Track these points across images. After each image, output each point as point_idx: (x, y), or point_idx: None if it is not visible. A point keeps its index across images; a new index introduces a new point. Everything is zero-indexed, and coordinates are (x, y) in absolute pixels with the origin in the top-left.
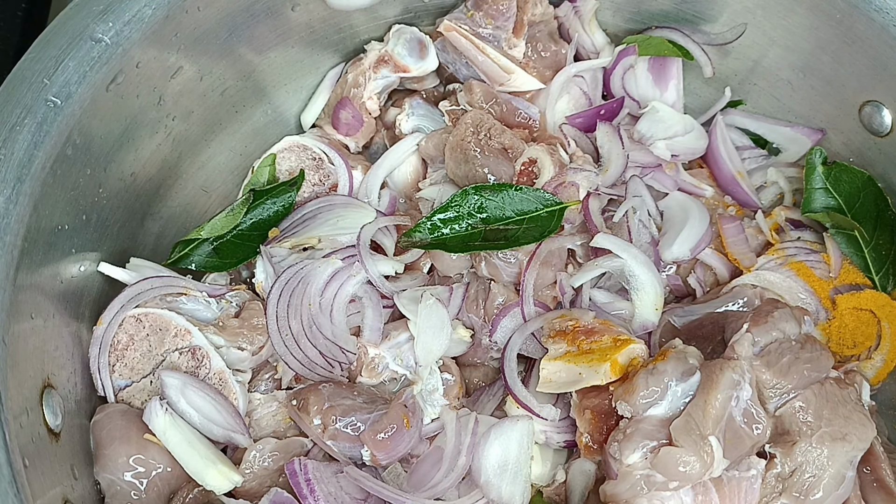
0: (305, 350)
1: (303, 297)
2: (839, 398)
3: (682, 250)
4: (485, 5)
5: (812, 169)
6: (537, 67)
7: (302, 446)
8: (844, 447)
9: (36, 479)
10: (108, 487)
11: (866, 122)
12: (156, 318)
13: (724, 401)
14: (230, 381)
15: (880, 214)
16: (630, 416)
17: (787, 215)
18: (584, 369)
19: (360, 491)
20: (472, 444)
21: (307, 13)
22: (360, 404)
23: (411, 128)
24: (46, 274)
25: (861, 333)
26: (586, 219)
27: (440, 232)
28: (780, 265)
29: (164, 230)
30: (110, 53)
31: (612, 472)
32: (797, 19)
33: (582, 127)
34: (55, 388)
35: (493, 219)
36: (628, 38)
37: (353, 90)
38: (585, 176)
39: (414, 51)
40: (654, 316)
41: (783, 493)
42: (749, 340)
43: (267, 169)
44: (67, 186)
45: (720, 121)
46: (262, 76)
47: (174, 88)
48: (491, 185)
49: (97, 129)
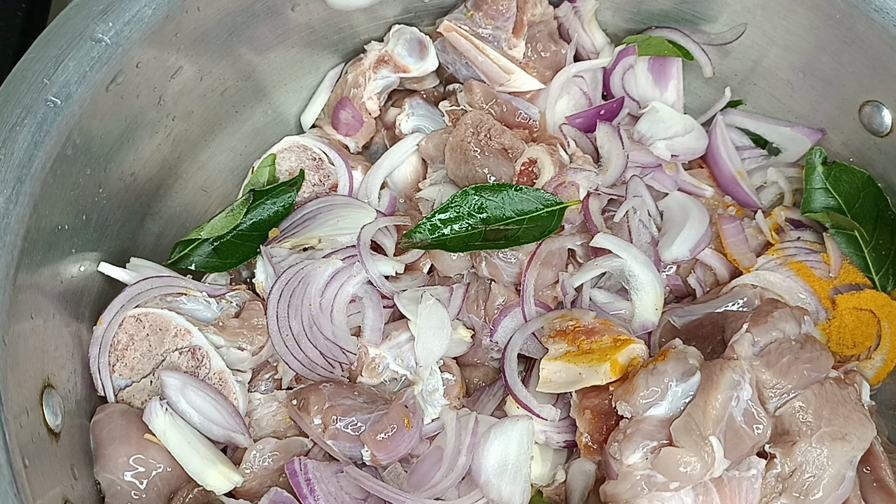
0: (306, 350)
1: (303, 298)
2: (839, 398)
3: (681, 251)
4: (484, 6)
5: (812, 169)
6: (537, 68)
7: (302, 446)
8: (844, 447)
9: (36, 479)
10: (109, 487)
11: (866, 122)
12: (156, 318)
13: (724, 401)
14: (230, 381)
15: (880, 214)
16: (630, 416)
17: (786, 215)
18: (584, 369)
19: (360, 491)
20: (472, 443)
21: (307, 13)
22: (361, 404)
23: (411, 128)
24: (46, 274)
25: (861, 333)
26: (586, 219)
27: (440, 232)
28: (779, 265)
29: (164, 230)
30: (110, 53)
31: (613, 472)
32: (797, 19)
33: (582, 127)
34: (55, 388)
35: (493, 219)
36: (628, 39)
37: (352, 90)
38: (585, 176)
39: (414, 51)
40: (654, 316)
41: (783, 494)
42: (749, 340)
43: (267, 169)
44: (67, 186)
45: (720, 121)
46: (262, 76)
47: (174, 88)
48: (491, 185)
49: (97, 129)
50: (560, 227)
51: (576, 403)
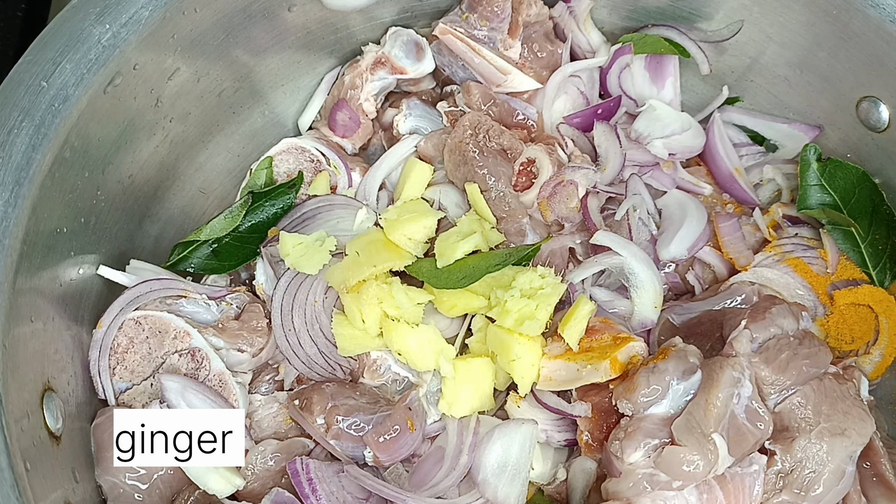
0: (307, 347)
1: (308, 294)
2: (838, 393)
3: (679, 249)
4: (479, 7)
5: (807, 166)
6: (534, 68)
7: (304, 447)
8: (844, 442)
9: (37, 482)
10: (111, 490)
11: (863, 118)
12: (155, 320)
13: (725, 398)
14: (230, 382)
15: (876, 210)
16: (631, 414)
17: (784, 212)
18: (584, 367)
19: (361, 490)
20: (473, 443)
21: (303, 14)
22: (363, 404)
23: (409, 129)
24: (46, 277)
25: (859, 329)
26: (585, 217)
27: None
28: (777, 262)
29: (162, 232)
30: (108, 55)
31: (615, 470)
32: (793, 16)
33: (580, 127)
34: (55, 392)
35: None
36: (624, 37)
37: (349, 92)
38: (584, 174)
39: (411, 53)
40: (653, 314)
41: (784, 490)
42: (747, 337)
43: (264, 171)
44: (66, 189)
45: (717, 118)
46: (259, 78)
47: (171, 90)
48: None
49: (95, 131)
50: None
51: (576, 401)
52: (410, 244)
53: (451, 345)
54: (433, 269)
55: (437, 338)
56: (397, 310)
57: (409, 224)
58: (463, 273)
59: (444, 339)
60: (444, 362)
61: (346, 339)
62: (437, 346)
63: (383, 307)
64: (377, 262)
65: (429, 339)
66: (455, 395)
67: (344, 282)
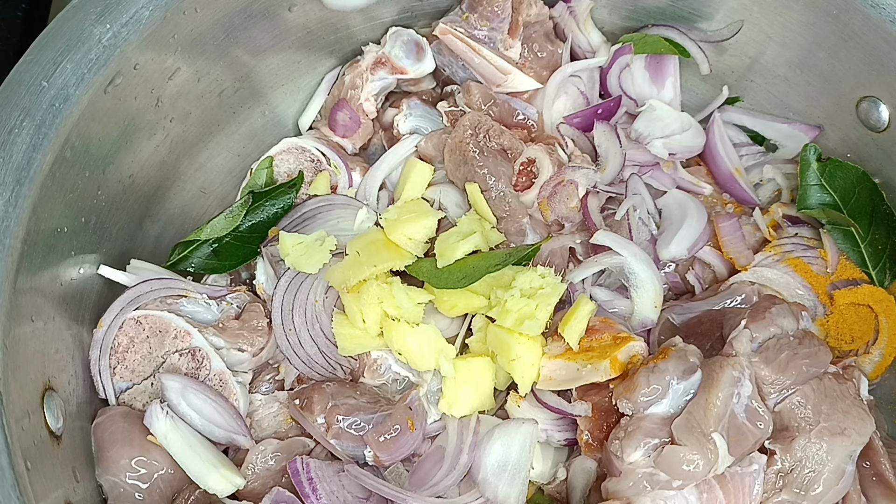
0: (307, 347)
1: (308, 293)
2: (838, 393)
3: (679, 250)
4: (479, 7)
5: (806, 165)
6: (534, 68)
7: (304, 446)
8: (843, 442)
9: (38, 481)
10: (112, 490)
11: (863, 118)
12: (155, 320)
13: (725, 398)
14: (230, 382)
15: (875, 210)
16: (631, 413)
17: (784, 212)
18: (584, 366)
19: (361, 489)
20: (473, 442)
21: (304, 14)
22: (364, 404)
23: (409, 129)
24: (46, 277)
25: (859, 328)
26: (585, 217)
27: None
28: (777, 261)
29: (163, 232)
30: (108, 55)
31: (615, 470)
32: (793, 16)
33: (580, 127)
34: (56, 391)
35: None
36: (624, 37)
37: (350, 92)
38: (584, 174)
39: (411, 53)
40: (653, 313)
41: (784, 489)
42: (747, 337)
43: (264, 171)
44: (66, 189)
45: (717, 118)
46: (260, 78)
47: (172, 90)
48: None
49: (95, 131)
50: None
51: (576, 400)
52: (411, 244)
53: (451, 344)
54: (433, 269)
55: (438, 337)
56: (397, 309)
57: (409, 224)
58: (463, 273)
59: (444, 338)
60: (445, 362)
61: (347, 339)
62: (438, 345)
63: (384, 307)
64: (377, 262)
65: (429, 339)
66: (455, 395)
67: (344, 281)
